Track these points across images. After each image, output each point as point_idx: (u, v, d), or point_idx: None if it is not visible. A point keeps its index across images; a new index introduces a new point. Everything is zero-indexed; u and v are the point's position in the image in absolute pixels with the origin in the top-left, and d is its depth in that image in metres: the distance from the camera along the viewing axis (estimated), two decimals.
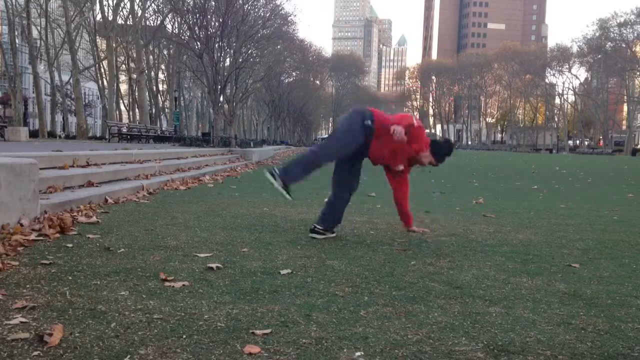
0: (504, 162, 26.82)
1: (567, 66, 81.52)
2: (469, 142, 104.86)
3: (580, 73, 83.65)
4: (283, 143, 62.46)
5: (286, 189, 3.78)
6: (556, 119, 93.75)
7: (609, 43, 71.30)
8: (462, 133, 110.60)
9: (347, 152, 3.88)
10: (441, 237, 4.22)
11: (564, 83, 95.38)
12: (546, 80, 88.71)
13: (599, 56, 72.64)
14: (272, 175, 3.78)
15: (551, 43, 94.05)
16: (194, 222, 4.51)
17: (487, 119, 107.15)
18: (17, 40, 40.00)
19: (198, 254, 3.26)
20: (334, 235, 4.02)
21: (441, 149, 4.17)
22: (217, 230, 4.19)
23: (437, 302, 2.47)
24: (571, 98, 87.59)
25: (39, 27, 41.46)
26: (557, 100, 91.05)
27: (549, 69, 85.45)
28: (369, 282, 2.78)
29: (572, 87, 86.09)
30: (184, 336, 1.92)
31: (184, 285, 2.58)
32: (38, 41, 41.72)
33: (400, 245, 3.82)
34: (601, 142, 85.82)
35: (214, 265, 2.96)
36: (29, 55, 38.85)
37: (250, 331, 1.98)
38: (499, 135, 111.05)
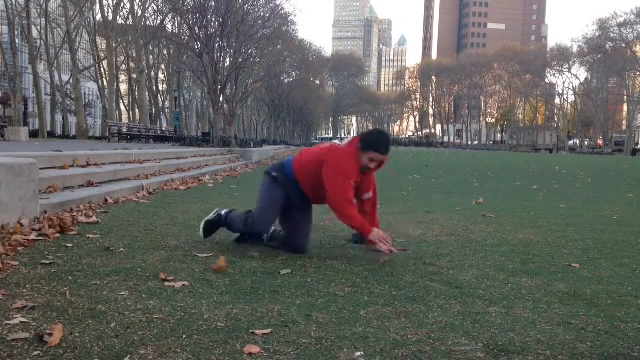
0: (504, 162, 26.82)
1: (567, 66, 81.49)
2: (469, 142, 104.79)
3: (580, 73, 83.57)
4: (283, 143, 62.46)
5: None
6: (556, 119, 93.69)
7: (609, 43, 71.25)
8: (462, 133, 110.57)
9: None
10: (441, 237, 4.22)
11: (564, 83, 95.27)
12: (546, 80, 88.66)
13: (599, 56, 72.61)
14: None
15: (551, 43, 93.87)
16: (194, 222, 4.51)
17: (487, 119, 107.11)
18: (17, 40, 39.99)
19: (198, 254, 3.26)
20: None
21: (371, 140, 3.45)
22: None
23: (437, 302, 2.47)
24: (571, 98, 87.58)
25: (39, 27, 41.41)
26: (557, 100, 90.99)
27: (549, 69, 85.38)
28: (368, 282, 2.78)
29: (572, 87, 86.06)
30: (184, 336, 1.92)
31: (184, 285, 2.58)
32: (38, 41, 41.68)
33: (400, 245, 3.82)
34: (601, 142, 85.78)
35: (214, 265, 2.96)
36: (29, 55, 38.79)
37: (251, 331, 1.99)
38: (499, 135, 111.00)
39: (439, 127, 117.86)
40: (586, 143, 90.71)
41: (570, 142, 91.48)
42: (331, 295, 2.52)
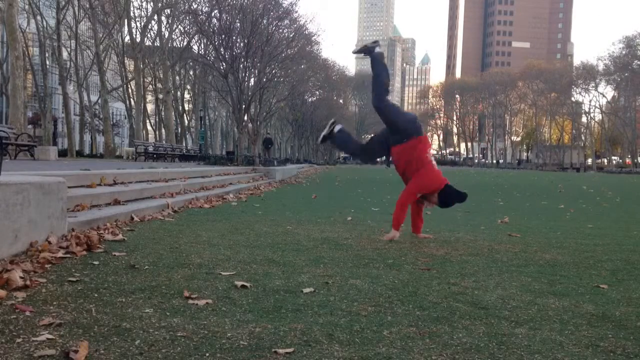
0: (530, 180, 26.48)
1: (594, 84, 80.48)
2: (494, 161, 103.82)
3: (607, 91, 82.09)
4: (306, 162, 62.68)
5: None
6: (583, 138, 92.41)
7: (636, 61, 70.29)
8: (486, 151, 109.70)
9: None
10: (465, 257, 4.17)
11: (590, 101, 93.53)
12: (572, 99, 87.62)
13: (626, 74, 71.62)
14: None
15: (576, 61, 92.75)
16: (218, 240, 4.54)
17: (512, 138, 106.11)
18: (47, 62, 41.04)
19: (221, 272, 3.28)
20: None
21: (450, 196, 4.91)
22: (241, 248, 4.22)
23: (462, 322, 2.44)
24: (598, 116, 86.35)
25: (69, 49, 42.47)
26: (584, 119, 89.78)
27: (575, 87, 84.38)
28: (392, 302, 2.76)
29: (599, 105, 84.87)
30: (207, 354, 1.93)
31: (207, 303, 2.59)
32: (68, 62, 42.69)
33: (423, 264, 3.79)
34: (629, 161, 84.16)
35: (237, 283, 2.97)
36: (59, 76, 39.74)
37: (273, 350, 1.98)
38: (525, 154, 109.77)
39: (463, 145, 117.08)
40: (614, 162, 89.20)
41: (598, 161, 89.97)
42: (354, 314, 2.51)
